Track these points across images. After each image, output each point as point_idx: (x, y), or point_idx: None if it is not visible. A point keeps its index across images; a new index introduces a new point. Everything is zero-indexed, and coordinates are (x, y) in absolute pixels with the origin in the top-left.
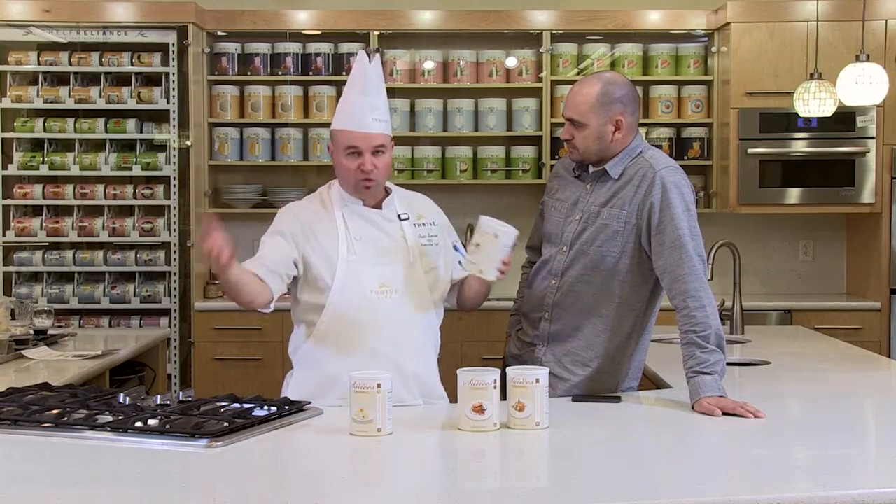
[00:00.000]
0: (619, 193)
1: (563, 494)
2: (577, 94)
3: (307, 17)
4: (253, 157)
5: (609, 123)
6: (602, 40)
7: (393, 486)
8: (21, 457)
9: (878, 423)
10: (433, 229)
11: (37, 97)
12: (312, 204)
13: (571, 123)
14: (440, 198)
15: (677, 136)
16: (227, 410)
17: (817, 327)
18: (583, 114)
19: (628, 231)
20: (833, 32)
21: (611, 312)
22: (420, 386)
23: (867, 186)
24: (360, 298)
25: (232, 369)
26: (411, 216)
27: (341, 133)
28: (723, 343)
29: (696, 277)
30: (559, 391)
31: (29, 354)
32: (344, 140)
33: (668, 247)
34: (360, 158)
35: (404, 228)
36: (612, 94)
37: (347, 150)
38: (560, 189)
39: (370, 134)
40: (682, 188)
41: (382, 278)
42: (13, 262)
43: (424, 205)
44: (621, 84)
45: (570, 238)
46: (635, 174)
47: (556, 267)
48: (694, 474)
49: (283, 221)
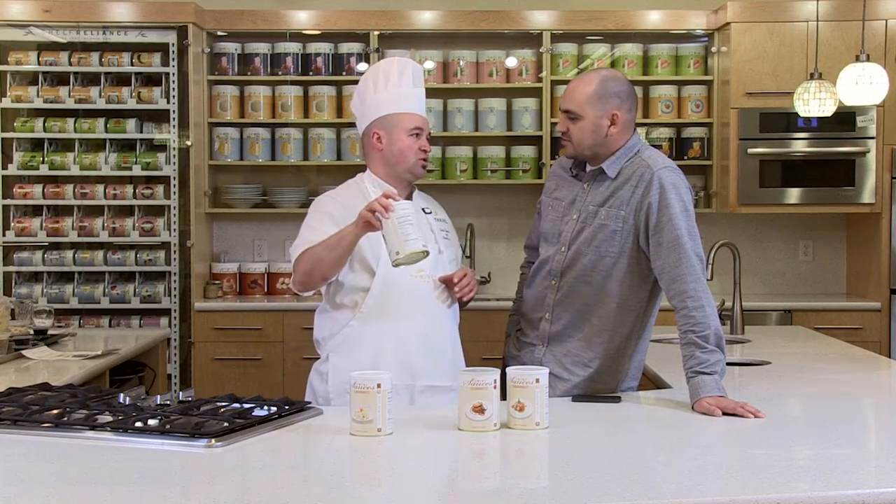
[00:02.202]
0: (617, 193)
1: (563, 494)
2: (575, 87)
3: (307, 17)
4: (253, 157)
5: (605, 117)
6: (602, 40)
7: (393, 486)
8: (21, 457)
9: (878, 422)
10: (445, 225)
11: (37, 97)
12: (350, 191)
13: (568, 116)
14: (440, 198)
15: (677, 136)
16: (227, 410)
17: (817, 327)
18: (580, 105)
19: (626, 231)
20: (833, 32)
21: (610, 313)
22: (453, 369)
23: (867, 186)
24: (405, 283)
25: (232, 369)
26: (432, 210)
27: (405, 116)
28: (722, 343)
29: (695, 277)
30: (559, 391)
31: (29, 354)
32: (409, 122)
33: (666, 247)
34: (421, 139)
35: (430, 221)
36: (609, 89)
37: (413, 130)
38: (557, 188)
39: (426, 118)
40: (680, 188)
41: (420, 264)
42: (13, 262)
43: (434, 203)
44: (619, 80)
45: (567, 238)
46: (633, 174)
47: (555, 267)
48: (694, 474)
49: (328, 206)
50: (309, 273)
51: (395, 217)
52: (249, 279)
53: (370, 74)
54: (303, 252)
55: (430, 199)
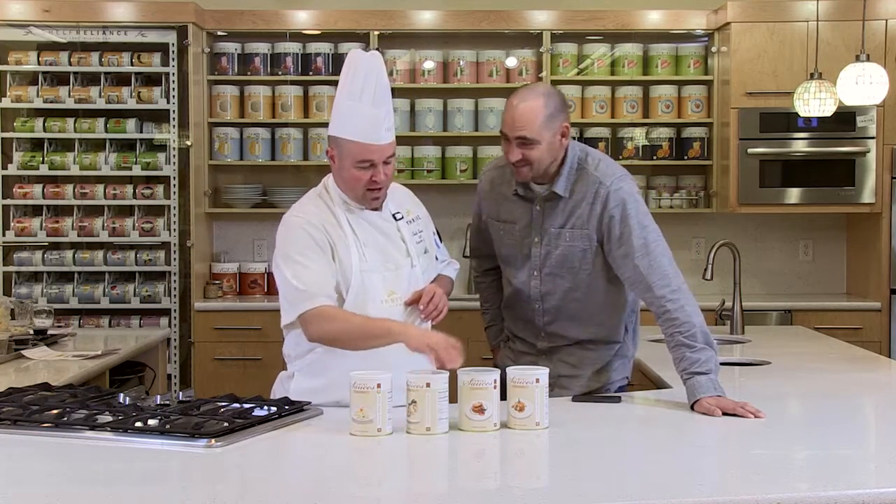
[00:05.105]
0: (575, 213)
1: (563, 494)
2: (522, 110)
3: (307, 17)
4: (253, 157)
5: (557, 134)
6: (602, 40)
7: (393, 486)
8: (21, 457)
9: (878, 422)
10: (419, 224)
11: (37, 97)
12: (320, 210)
13: (522, 143)
14: (440, 198)
15: (677, 136)
16: (227, 410)
17: (817, 327)
18: (535, 131)
19: (595, 246)
20: (833, 32)
21: (608, 316)
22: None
23: (867, 186)
24: (373, 310)
25: (232, 369)
26: (402, 213)
27: (353, 145)
28: (710, 339)
29: (668, 281)
30: (574, 390)
31: (29, 354)
32: (357, 153)
33: (634, 256)
34: (373, 170)
35: (401, 229)
36: (556, 105)
37: (361, 163)
38: (503, 211)
39: (383, 146)
40: (634, 194)
41: (390, 285)
42: (13, 262)
43: (407, 197)
44: (555, 92)
45: (537, 262)
46: (587, 191)
47: (534, 294)
48: (694, 474)
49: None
50: (331, 340)
51: (437, 390)
52: (249, 279)
53: (343, 68)
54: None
55: (399, 193)
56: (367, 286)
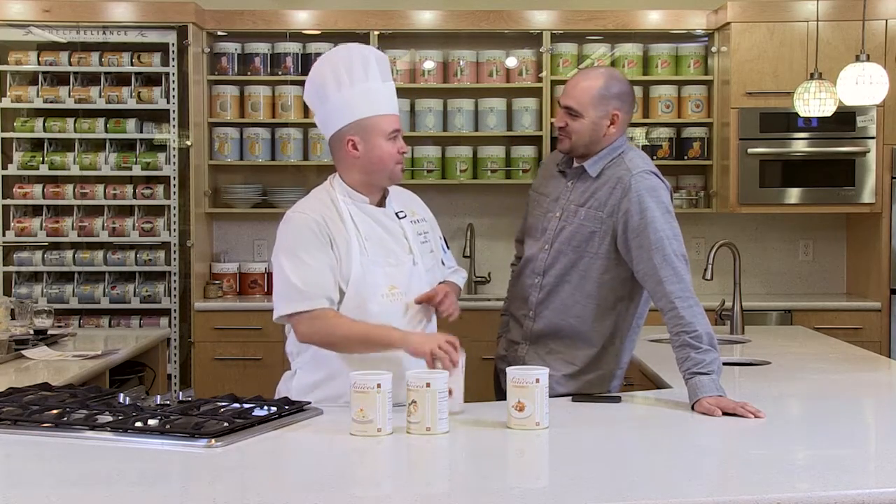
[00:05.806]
0: (596, 194)
1: (563, 494)
2: (578, 84)
3: (307, 17)
4: (253, 157)
5: (605, 118)
6: (602, 40)
7: (393, 487)
8: (21, 457)
9: (878, 422)
10: (425, 226)
11: (37, 97)
12: (323, 205)
13: (568, 112)
14: (440, 198)
15: (677, 136)
16: (227, 410)
17: (817, 327)
18: (581, 104)
19: (604, 232)
20: (833, 32)
21: (589, 313)
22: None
23: (867, 186)
24: (374, 304)
25: (232, 369)
26: (406, 213)
27: (381, 119)
28: (714, 341)
29: (680, 279)
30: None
31: (29, 354)
32: (386, 125)
33: (647, 251)
34: (399, 141)
35: (404, 227)
36: (611, 89)
37: (391, 133)
38: (544, 183)
39: (398, 116)
40: (658, 190)
41: (392, 280)
42: (13, 262)
43: (412, 200)
44: (621, 80)
45: (551, 236)
46: (612, 176)
47: (538, 266)
48: (694, 474)
49: (310, 228)
50: (325, 343)
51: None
52: (249, 279)
53: (327, 68)
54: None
55: (405, 195)
56: (368, 278)
